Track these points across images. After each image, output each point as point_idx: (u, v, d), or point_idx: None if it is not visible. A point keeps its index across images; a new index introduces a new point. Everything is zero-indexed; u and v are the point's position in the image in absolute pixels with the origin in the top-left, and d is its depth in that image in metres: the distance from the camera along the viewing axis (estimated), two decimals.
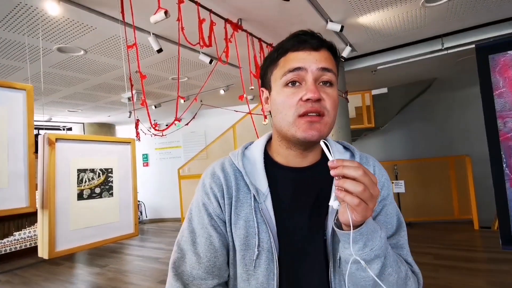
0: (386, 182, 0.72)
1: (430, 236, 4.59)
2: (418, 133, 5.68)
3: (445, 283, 2.92)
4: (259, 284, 0.64)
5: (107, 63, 3.07)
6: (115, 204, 1.33)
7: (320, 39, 0.66)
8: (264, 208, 0.66)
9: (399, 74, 4.48)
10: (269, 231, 0.65)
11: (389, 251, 0.59)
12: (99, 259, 4.90)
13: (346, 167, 0.51)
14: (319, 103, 0.62)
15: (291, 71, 0.63)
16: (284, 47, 0.67)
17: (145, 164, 7.42)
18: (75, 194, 1.21)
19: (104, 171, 1.29)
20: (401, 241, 0.68)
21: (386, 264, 0.57)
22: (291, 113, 0.63)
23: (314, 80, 0.63)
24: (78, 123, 6.48)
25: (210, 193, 0.70)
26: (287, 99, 0.63)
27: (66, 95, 4.14)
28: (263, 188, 0.67)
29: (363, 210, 0.51)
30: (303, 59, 0.64)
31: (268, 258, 0.64)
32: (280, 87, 0.65)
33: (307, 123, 0.62)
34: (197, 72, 3.65)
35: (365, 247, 0.55)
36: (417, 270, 0.67)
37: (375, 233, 0.55)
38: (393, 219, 0.70)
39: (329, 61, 0.65)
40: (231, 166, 0.72)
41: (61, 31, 2.32)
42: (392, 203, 0.71)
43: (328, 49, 0.67)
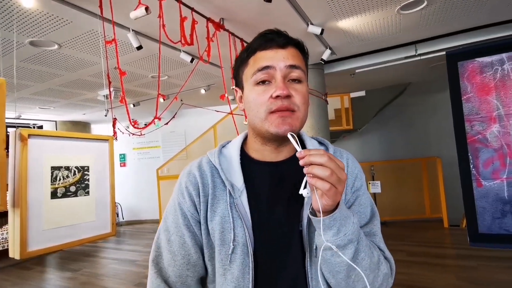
0: (359, 173, 0.75)
1: (403, 234, 4.77)
2: (393, 135, 5.90)
3: (417, 278, 3.05)
4: (234, 278, 0.65)
5: (83, 59, 2.96)
6: (91, 203, 1.29)
7: (286, 37, 0.68)
8: (240, 203, 0.68)
9: (377, 78, 4.64)
10: (244, 225, 0.66)
11: (362, 236, 0.62)
12: (72, 263, 4.71)
13: (312, 155, 0.53)
14: (288, 100, 0.64)
15: (260, 70, 0.65)
16: (253, 46, 0.69)
17: (122, 164, 7.22)
18: (48, 192, 1.16)
19: (80, 169, 1.25)
20: (374, 229, 0.71)
21: (359, 249, 0.60)
22: (262, 110, 0.65)
23: (283, 78, 0.65)
24: (50, 121, 6.19)
25: (185, 192, 0.71)
26: (258, 96, 0.66)
27: (37, 91, 3.96)
28: (239, 183, 0.69)
29: (333, 194, 0.54)
30: (271, 57, 0.66)
31: (243, 252, 0.65)
32: (251, 85, 0.68)
33: (279, 118, 0.64)
34: (178, 71, 3.61)
35: (339, 232, 0.57)
36: (389, 256, 0.70)
37: (348, 219, 0.58)
38: (367, 209, 0.72)
39: (296, 58, 0.67)
40: (208, 164, 0.74)
41: (34, 24, 2.22)
42: (366, 194, 0.74)
43: (295, 46, 0.69)
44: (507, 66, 2.77)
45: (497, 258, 3.39)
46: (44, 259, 4.97)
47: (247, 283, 0.64)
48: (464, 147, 2.98)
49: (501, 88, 2.81)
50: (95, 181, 1.31)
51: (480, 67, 2.88)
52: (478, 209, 2.90)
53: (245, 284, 0.65)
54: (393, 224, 5.36)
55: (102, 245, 5.65)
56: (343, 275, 0.61)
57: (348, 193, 0.72)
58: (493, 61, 2.84)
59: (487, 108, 2.87)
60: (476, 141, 2.92)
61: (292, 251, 0.67)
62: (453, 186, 5.09)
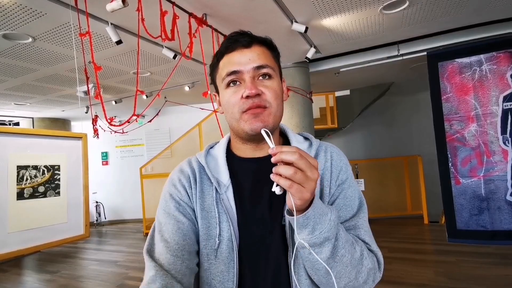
0: (344, 166, 0.75)
1: (385, 230, 4.87)
2: (377, 134, 6.00)
3: (398, 274, 3.12)
4: (219, 272, 0.67)
5: (59, 53, 2.84)
6: (62, 203, 1.23)
7: (250, 36, 0.69)
8: (225, 199, 0.69)
9: (361, 77, 4.69)
10: (230, 220, 0.67)
11: (341, 233, 0.61)
12: (50, 264, 4.55)
13: (283, 152, 0.53)
14: (259, 98, 0.66)
15: (229, 75, 0.67)
16: (220, 51, 0.72)
17: (104, 163, 7.03)
18: (14, 193, 1.09)
19: (49, 168, 1.19)
20: (359, 222, 0.70)
21: (338, 246, 0.60)
22: (236, 111, 0.67)
23: (252, 78, 0.67)
24: (26, 117, 5.95)
25: (178, 184, 0.73)
26: (230, 98, 0.68)
27: (12, 86, 3.78)
28: (224, 179, 0.71)
29: (297, 191, 0.53)
30: (237, 61, 0.67)
31: (229, 247, 0.67)
32: (223, 88, 0.70)
33: (251, 116, 0.66)
34: (161, 67, 3.52)
35: (314, 230, 0.57)
36: (376, 249, 0.70)
37: (323, 216, 0.58)
38: (353, 202, 0.72)
39: (263, 56, 0.68)
40: (197, 162, 0.77)
41: (7, 16, 2.10)
42: (352, 187, 0.74)
43: (262, 44, 0.71)
44: (485, 67, 2.85)
45: (475, 254, 3.50)
46: (21, 261, 4.79)
47: (231, 277, 0.66)
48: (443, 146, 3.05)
49: (479, 88, 2.89)
50: (66, 181, 1.25)
51: (459, 68, 2.95)
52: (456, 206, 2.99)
53: (229, 278, 0.66)
54: (376, 221, 5.46)
55: (82, 246, 5.50)
56: (323, 272, 0.61)
57: (333, 186, 0.72)
58: (471, 62, 2.91)
59: (465, 107, 2.94)
60: (454, 140, 3.00)
61: (276, 246, 0.68)
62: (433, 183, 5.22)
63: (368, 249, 0.68)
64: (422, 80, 4.85)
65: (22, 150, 1.13)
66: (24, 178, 1.13)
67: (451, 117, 3.05)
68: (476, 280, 2.87)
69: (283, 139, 0.80)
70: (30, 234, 1.12)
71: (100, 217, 6.83)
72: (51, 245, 1.16)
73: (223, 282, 0.66)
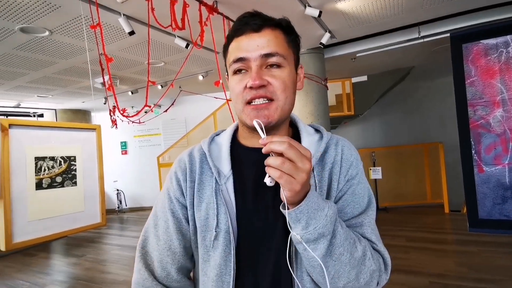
0: (354, 161, 0.71)
1: (403, 219, 4.77)
2: (395, 120, 5.82)
3: (415, 263, 3.06)
4: (217, 265, 0.65)
5: (75, 45, 2.90)
6: (79, 193, 1.27)
7: (262, 18, 0.64)
8: (225, 190, 0.67)
9: (379, 62, 4.52)
10: (228, 212, 0.65)
11: (339, 230, 0.58)
12: (76, 248, 4.79)
13: (273, 142, 0.52)
14: (264, 89, 0.62)
15: (235, 62, 0.63)
16: (230, 33, 0.66)
17: (123, 152, 7.23)
18: (33, 183, 1.14)
19: (66, 159, 1.23)
20: (366, 220, 0.67)
21: (335, 243, 0.57)
22: (239, 101, 0.64)
23: (259, 66, 0.62)
24: (49, 109, 6.17)
25: (174, 177, 0.72)
26: (235, 86, 0.64)
27: (34, 79, 3.92)
28: (225, 170, 0.69)
29: (287, 183, 0.51)
30: (245, 47, 0.62)
31: (226, 239, 0.65)
32: (231, 75, 0.66)
33: (253, 111, 0.62)
34: (174, 57, 3.53)
35: (308, 225, 0.55)
36: (383, 249, 0.67)
37: (319, 211, 0.55)
38: (362, 199, 0.69)
39: (273, 43, 0.63)
40: (199, 151, 0.74)
41: (22, 9, 2.15)
42: (362, 183, 0.71)
43: (276, 27, 0.65)
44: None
45: (497, 244, 3.38)
46: (49, 245, 5.07)
47: (229, 270, 0.64)
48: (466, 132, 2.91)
49: (506, 71, 2.71)
50: (82, 171, 1.29)
51: (485, 50, 2.78)
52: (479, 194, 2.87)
53: (227, 271, 0.64)
54: (393, 210, 5.36)
55: (105, 232, 5.75)
56: (319, 269, 0.58)
57: (342, 181, 0.69)
58: (498, 43, 2.73)
59: (491, 92, 2.78)
60: (478, 126, 2.85)
61: (277, 239, 0.65)
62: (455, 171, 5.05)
63: (373, 249, 0.65)
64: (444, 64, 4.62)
65: (39, 142, 1.17)
66: (42, 169, 1.17)
67: (475, 102, 2.90)
68: (498, 270, 2.78)
69: (293, 130, 0.76)
70: (49, 222, 1.17)
71: (121, 205, 7.09)
72: (69, 232, 1.21)
73: (220, 276, 0.65)
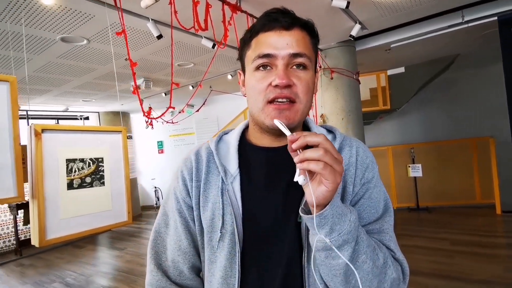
0: (370, 164, 0.67)
1: (448, 221, 4.43)
2: (437, 114, 5.40)
3: (459, 269, 2.82)
4: (222, 267, 0.64)
5: (111, 52, 3.07)
6: (106, 193, 1.33)
7: (292, 17, 0.62)
8: (231, 190, 0.65)
9: (417, 52, 4.22)
10: (233, 213, 0.63)
11: (363, 236, 0.55)
12: (119, 242, 5.12)
13: (307, 135, 0.50)
14: (289, 89, 0.60)
15: (261, 57, 0.61)
16: (256, 27, 0.64)
17: (160, 151, 7.57)
18: (64, 183, 1.22)
19: (94, 161, 1.29)
20: (384, 226, 0.63)
21: (359, 251, 0.54)
22: (260, 99, 0.61)
23: (285, 65, 0.60)
24: (94, 112, 6.65)
25: (180, 177, 0.72)
26: (257, 83, 0.62)
27: (78, 85, 4.23)
28: (232, 169, 0.67)
29: (331, 173, 0.48)
30: (273, 43, 0.60)
31: (232, 241, 0.63)
32: (251, 70, 0.63)
33: (275, 111, 0.60)
34: (202, 58, 3.60)
35: (332, 231, 0.51)
36: (401, 257, 0.63)
37: (343, 217, 0.52)
38: (378, 204, 0.65)
39: (302, 44, 0.61)
40: (207, 149, 0.73)
41: (61, 20, 2.32)
42: (378, 187, 0.67)
43: (303, 28, 0.63)
44: None
45: None
46: (96, 238, 5.46)
47: (234, 272, 0.62)
48: None
49: None
50: (109, 172, 1.35)
51: None
52: None
53: (232, 274, 0.63)
54: (436, 210, 5.00)
55: (145, 227, 6.07)
56: (340, 279, 0.55)
57: (357, 184, 0.65)
58: None
59: None
60: None
61: (287, 244, 0.62)
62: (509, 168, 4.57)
63: (392, 257, 0.61)
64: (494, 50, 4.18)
65: (70, 145, 1.24)
66: (72, 170, 1.24)
67: None
68: None
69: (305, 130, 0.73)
70: (80, 220, 1.24)
71: (159, 201, 7.44)
72: (98, 230, 1.28)
73: (225, 278, 0.63)
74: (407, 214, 5.03)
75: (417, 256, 3.26)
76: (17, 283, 3.61)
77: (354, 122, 3.43)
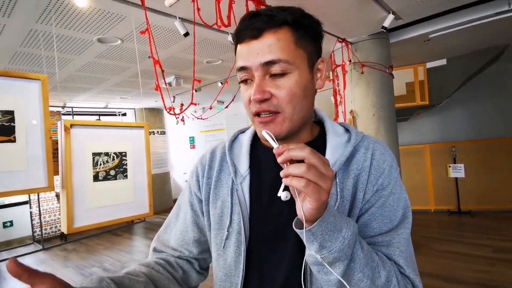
0: (387, 169, 0.62)
1: (492, 226, 4.07)
2: (484, 110, 4.95)
3: (501, 278, 2.59)
4: (227, 265, 0.65)
5: (144, 50, 3.20)
6: (129, 186, 1.40)
7: (262, 20, 0.56)
8: (240, 190, 0.66)
9: (460, 42, 3.90)
10: (241, 213, 0.64)
11: (359, 254, 0.51)
12: (152, 232, 5.38)
13: (291, 149, 0.47)
14: (268, 102, 0.57)
15: (239, 71, 0.61)
16: (233, 37, 0.64)
17: (191, 147, 7.80)
18: (91, 176, 1.29)
19: (118, 155, 1.36)
20: (395, 239, 0.58)
21: (354, 268, 0.50)
22: (249, 111, 0.62)
23: (262, 77, 0.57)
24: (130, 108, 7.01)
25: (194, 172, 0.76)
26: (242, 96, 0.63)
27: (115, 83, 4.48)
28: (243, 169, 0.68)
29: (314, 191, 0.45)
30: (246, 55, 0.58)
31: (238, 240, 0.64)
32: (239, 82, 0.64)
33: (260, 125, 0.60)
34: (230, 54, 3.63)
35: (322, 248, 0.49)
36: (413, 275, 0.57)
37: (335, 233, 0.48)
38: (393, 213, 0.60)
39: (275, 48, 0.56)
40: (222, 149, 0.75)
41: (97, 22, 2.46)
42: (397, 194, 0.61)
43: (279, 27, 0.57)
44: None
45: None
46: (131, 228, 5.79)
47: (238, 272, 0.63)
48: None
49: None
50: (132, 166, 1.41)
51: None
52: None
53: (236, 272, 0.63)
54: (480, 214, 4.62)
55: None
56: None
57: (369, 191, 0.60)
58: None
59: None
60: None
61: (290, 249, 0.61)
62: None
63: (401, 274, 0.56)
64: None
65: (96, 139, 1.31)
66: (98, 163, 1.32)
67: None
68: None
69: (320, 128, 0.70)
70: (104, 210, 1.31)
71: None
72: (121, 220, 1.35)
73: (229, 276, 0.64)
74: (447, 217, 4.71)
75: (456, 263, 3.04)
76: (60, 266, 3.95)
77: (386, 119, 3.26)
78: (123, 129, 1.42)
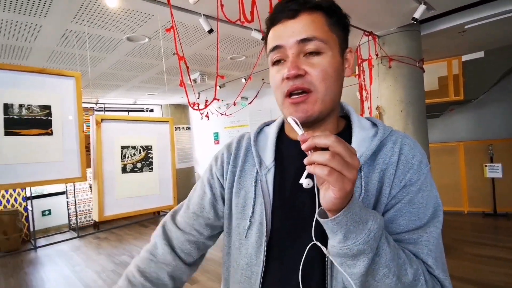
0: (417, 164, 0.60)
1: None
2: None
3: None
4: (248, 254, 0.66)
5: (170, 48, 3.29)
6: (154, 178, 1.45)
7: (298, 3, 0.59)
8: (264, 181, 0.67)
9: (499, 33, 3.64)
10: (264, 204, 0.65)
11: (385, 248, 0.50)
12: None
13: (316, 136, 0.46)
14: (301, 79, 0.58)
15: (272, 51, 0.61)
16: (267, 23, 0.65)
17: (216, 142, 7.93)
18: (119, 168, 1.36)
19: (144, 148, 1.42)
20: (423, 238, 0.56)
21: (379, 263, 0.49)
22: (279, 94, 0.62)
23: (297, 54, 0.58)
24: (157, 105, 7.24)
25: (219, 157, 0.76)
26: (273, 79, 0.63)
27: (143, 80, 4.64)
28: (268, 161, 0.68)
29: (338, 180, 0.44)
30: (279, 35, 0.60)
31: (259, 231, 0.64)
32: (270, 66, 0.64)
33: (292, 105, 0.60)
34: (253, 50, 3.63)
35: (346, 239, 0.48)
36: (442, 276, 0.55)
37: (360, 224, 0.47)
38: (423, 210, 0.58)
39: (311, 27, 0.58)
40: (247, 139, 0.75)
41: (126, 21, 2.56)
42: (425, 191, 0.59)
43: (315, 9, 0.59)
44: None
45: None
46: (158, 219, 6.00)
47: (259, 261, 0.64)
48: None
49: None
50: (157, 159, 1.47)
51: None
52: None
53: (257, 262, 0.64)
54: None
55: None
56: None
57: (395, 187, 0.59)
58: None
59: None
60: None
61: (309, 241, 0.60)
62: None
63: (430, 274, 0.54)
64: None
65: (124, 133, 1.38)
66: (126, 156, 1.38)
67: None
68: None
69: (346, 122, 0.69)
70: (131, 201, 1.38)
71: None
72: (147, 211, 1.41)
73: (250, 265, 0.65)
74: (481, 219, 4.45)
75: (490, 268, 2.88)
76: (94, 253, 4.19)
77: (415, 115, 3.12)
78: (149, 123, 1.48)
